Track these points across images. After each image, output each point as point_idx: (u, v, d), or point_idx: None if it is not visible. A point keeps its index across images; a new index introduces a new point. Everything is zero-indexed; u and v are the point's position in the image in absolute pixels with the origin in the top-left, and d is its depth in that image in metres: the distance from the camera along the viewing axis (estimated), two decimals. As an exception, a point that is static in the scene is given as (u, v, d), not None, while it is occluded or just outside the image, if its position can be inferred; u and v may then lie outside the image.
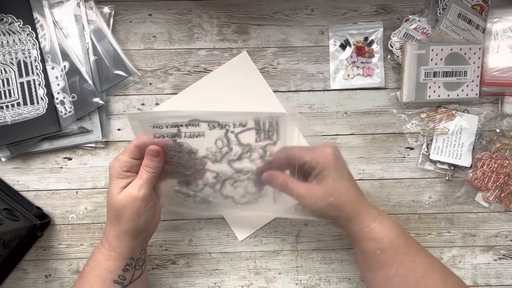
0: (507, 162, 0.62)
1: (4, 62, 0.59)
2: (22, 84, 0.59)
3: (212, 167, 0.53)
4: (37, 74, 0.59)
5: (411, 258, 0.49)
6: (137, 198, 0.48)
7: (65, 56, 0.60)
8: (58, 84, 0.60)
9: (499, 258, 0.63)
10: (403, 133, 0.63)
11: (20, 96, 0.59)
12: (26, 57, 0.59)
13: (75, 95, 0.60)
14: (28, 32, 0.59)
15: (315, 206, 0.49)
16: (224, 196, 0.56)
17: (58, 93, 0.60)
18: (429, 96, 0.61)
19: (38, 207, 0.61)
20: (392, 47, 0.63)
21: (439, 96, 0.62)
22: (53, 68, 0.60)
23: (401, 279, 0.49)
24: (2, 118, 0.59)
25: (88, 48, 0.60)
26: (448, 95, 0.62)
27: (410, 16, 0.63)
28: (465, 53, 0.61)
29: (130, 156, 0.49)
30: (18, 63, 0.59)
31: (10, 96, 0.59)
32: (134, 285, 0.52)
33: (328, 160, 0.49)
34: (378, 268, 0.50)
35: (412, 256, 0.50)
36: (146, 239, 0.53)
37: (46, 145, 0.61)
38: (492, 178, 0.62)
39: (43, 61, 0.59)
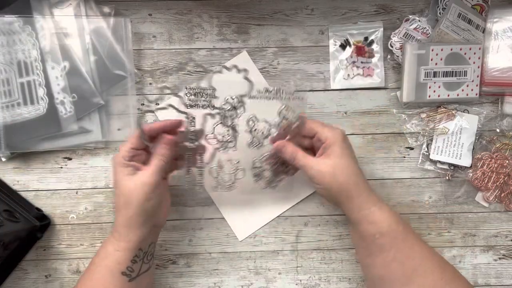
0: (507, 162, 0.62)
1: (4, 62, 0.59)
2: (22, 84, 0.59)
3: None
4: (37, 74, 0.59)
5: (409, 245, 0.50)
6: (147, 183, 0.49)
7: (65, 56, 0.60)
8: (58, 84, 0.60)
9: (499, 258, 0.63)
10: (403, 133, 0.63)
11: (20, 96, 0.59)
12: (26, 57, 0.59)
13: (75, 95, 0.60)
14: (28, 32, 0.59)
15: (320, 178, 0.51)
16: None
17: (58, 93, 0.60)
18: (429, 96, 0.61)
19: (38, 209, 0.61)
20: (392, 47, 0.63)
21: (439, 96, 0.62)
22: (53, 68, 0.60)
23: (398, 265, 0.49)
24: (2, 118, 0.59)
25: (88, 48, 0.60)
26: (448, 95, 0.62)
27: (410, 16, 0.63)
28: (465, 53, 0.61)
29: (132, 146, 0.51)
30: (18, 63, 0.59)
31: (10, 96, 0.59)
32: (140, 279, 0.52)
33: (336, 138, 0.51)
34: (377, 253, 0.50)
35: (410, 243, 0.50)
36: (154, 230, 0.53)
37: (46, 145, 0.61)
38: (492, 178, 0.62)
39: (43, 61, 0.59)
